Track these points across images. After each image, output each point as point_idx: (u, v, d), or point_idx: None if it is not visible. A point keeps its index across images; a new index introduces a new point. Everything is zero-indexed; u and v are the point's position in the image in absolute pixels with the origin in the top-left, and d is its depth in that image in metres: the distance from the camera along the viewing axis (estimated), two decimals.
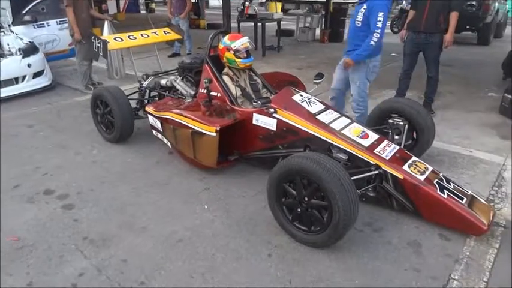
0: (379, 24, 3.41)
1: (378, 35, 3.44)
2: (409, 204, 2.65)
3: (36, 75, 5.99)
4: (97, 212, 2.92)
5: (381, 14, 3.38)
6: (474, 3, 9.65)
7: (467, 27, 10.07)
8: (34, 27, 6.79)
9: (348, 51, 3.75)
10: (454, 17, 4.36)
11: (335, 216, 2.22)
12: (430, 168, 2.75)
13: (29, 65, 5.84)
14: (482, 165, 3.48)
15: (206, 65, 3.60)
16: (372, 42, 3.46)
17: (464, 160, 3.60)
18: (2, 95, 5.52)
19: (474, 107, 5.04)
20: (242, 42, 3.44)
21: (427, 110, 4.06)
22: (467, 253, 2.42)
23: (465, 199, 2.55)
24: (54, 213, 2.92)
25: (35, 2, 6.85)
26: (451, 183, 2.68)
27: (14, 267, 2.36)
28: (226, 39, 3.50)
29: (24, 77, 5.81)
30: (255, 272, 2.30)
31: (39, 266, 2.36)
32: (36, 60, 5.99)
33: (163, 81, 4.20)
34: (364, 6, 3.50)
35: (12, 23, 6.68)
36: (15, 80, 5.72)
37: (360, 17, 3.54)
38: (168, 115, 3.45)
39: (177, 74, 4.32)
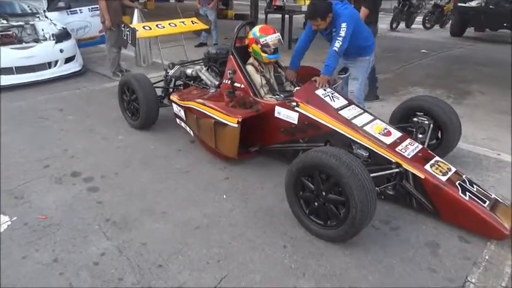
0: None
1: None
2: (429, 204, 2.61)
3: (68, 60, 6.19)
4: (120, 196, 3.03)
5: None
6: None
7: (505, 24, 9.66)
8: (67, 14, 7.01)
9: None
10: (362, 12, 4.49)
11: (352, 212, 2.22)
12: (453, 169, 2.69)
13: (61, 51, 6.04)
14: (509, 169, 3.38)
15: (231, 56, 3.63)
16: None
17: (491, 163, 3.50)
18: (35, 79, 5.74)
19: (506, 108, 4.86)
20: (272, 38, 3.42)
21: None
22: (487, 257, 2.37)
23: (488, 202, 2.49)
24: (80, 194, 3.04)
25: None
26: (474, 186, 2.62)
27: (41, 243, 2.48)
28: (257, 31, 3.47)
29: (56, 62, 6.02)
30: (270, 262, 2.33)
31: (65, 244, 2.48)
32: (68, 46, 6.19)
33: (188, 71, 4.26)
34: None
35: (47, 8, 6.92)
36: (48, 65, 5.93)
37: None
38: (191, 104, 3.51)
39: (202, 64, 4.38)
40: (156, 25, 5.00)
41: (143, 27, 4.96)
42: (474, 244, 2.48)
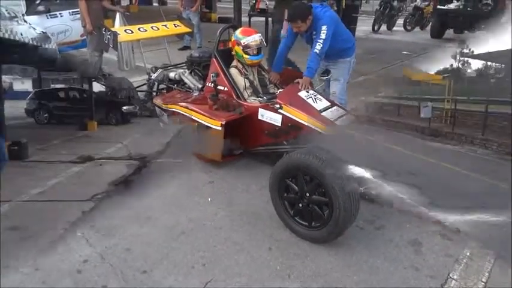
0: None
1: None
2: None
3: None
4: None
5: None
6: (489, 1, 9.47)
7: (482, 26, 9.89)
8: (47, 18, 6.88)
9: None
10: None
11: (335, 213, 2.24)
12: None
13: None
14: None
15: (214, 59, 3.62)
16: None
17: None
18: None
19: None
20: (253, 39, 3.43)
21: None
22: (468, 253, 2.42)
23: None
24: None
25: None
26: None
27: (22, 252, 2.42)
28: (238, 33, 3.49)
29: None
30: (255, 265, 2.33)
31: (46, 252, 2.42)
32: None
33: (171, 74, 4.24)
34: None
35: (25, 12, 6.77)
36: None
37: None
38: (175, 108, 3.48)
39: (185, 67, 4.35)
40: (138, 28, 4.94)
41: (125, 30, 4.90)
42: (456, 241, 2.53)
